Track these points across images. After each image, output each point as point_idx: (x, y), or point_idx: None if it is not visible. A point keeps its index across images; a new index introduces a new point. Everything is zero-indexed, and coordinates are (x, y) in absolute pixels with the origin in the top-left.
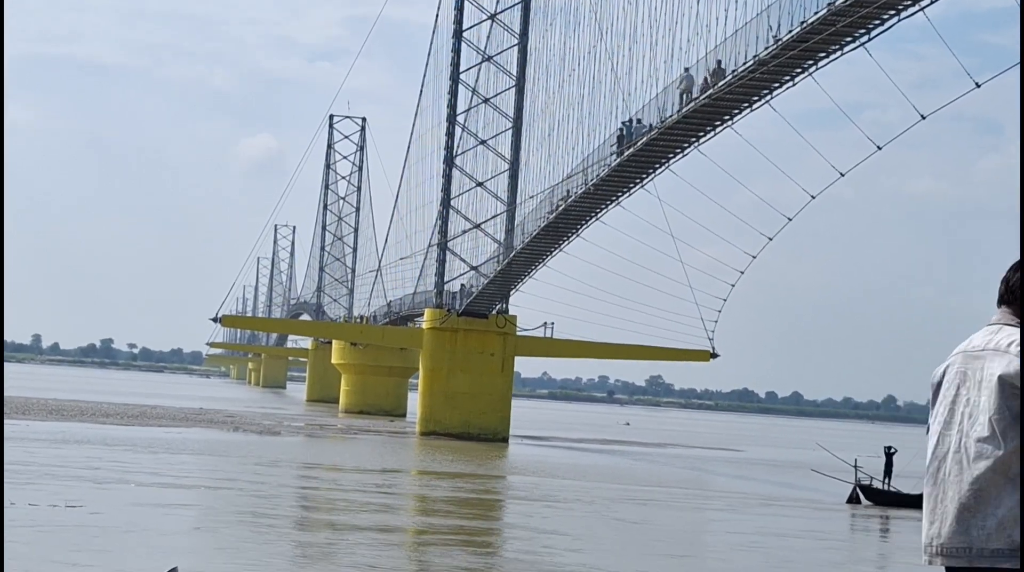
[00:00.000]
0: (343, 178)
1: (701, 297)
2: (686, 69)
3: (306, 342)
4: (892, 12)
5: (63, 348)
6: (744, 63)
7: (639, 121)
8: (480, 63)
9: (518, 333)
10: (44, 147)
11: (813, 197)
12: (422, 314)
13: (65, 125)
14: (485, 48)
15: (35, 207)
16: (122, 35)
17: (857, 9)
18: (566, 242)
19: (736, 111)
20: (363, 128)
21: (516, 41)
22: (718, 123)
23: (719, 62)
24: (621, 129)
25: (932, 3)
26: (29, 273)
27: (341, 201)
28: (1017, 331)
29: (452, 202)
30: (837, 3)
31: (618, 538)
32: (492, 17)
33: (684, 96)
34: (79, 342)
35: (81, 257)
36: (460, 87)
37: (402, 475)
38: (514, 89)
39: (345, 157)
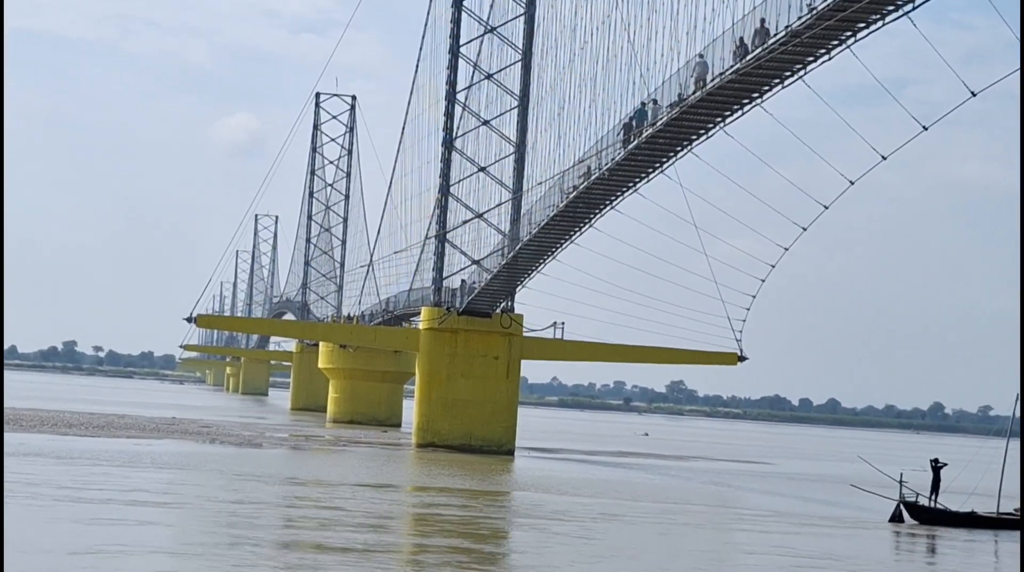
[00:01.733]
0: (331, 163)
1: (727, 294)
2: (700, 55)
3: (290, 344)
4: None
5: (21, 351)
6: (775, 34)
7: (655, 102)
8: (482, 35)
9: (525, 334)
10: None
11: (852, 183)
12: (419, 313)
13: (22, 104)
14: (488, 18)
15: None
16: (86, 5)
17: None
18: (578, 233)
19: (766, 88)
20: (353, 107)
21: (522, 10)
22: (746, 101)
23: (763, 20)
24: (631, 117)
25: None
26: None
27: (329, 188)
28: None
29: (452, 189)
30: None
31: (575, 559)
32: None
33: (698, 84)
34: (39, 345)
35: (40, 250)
36: (460, 62)
37: (396, 491)
38: (520, 64)
39: (333, 139)
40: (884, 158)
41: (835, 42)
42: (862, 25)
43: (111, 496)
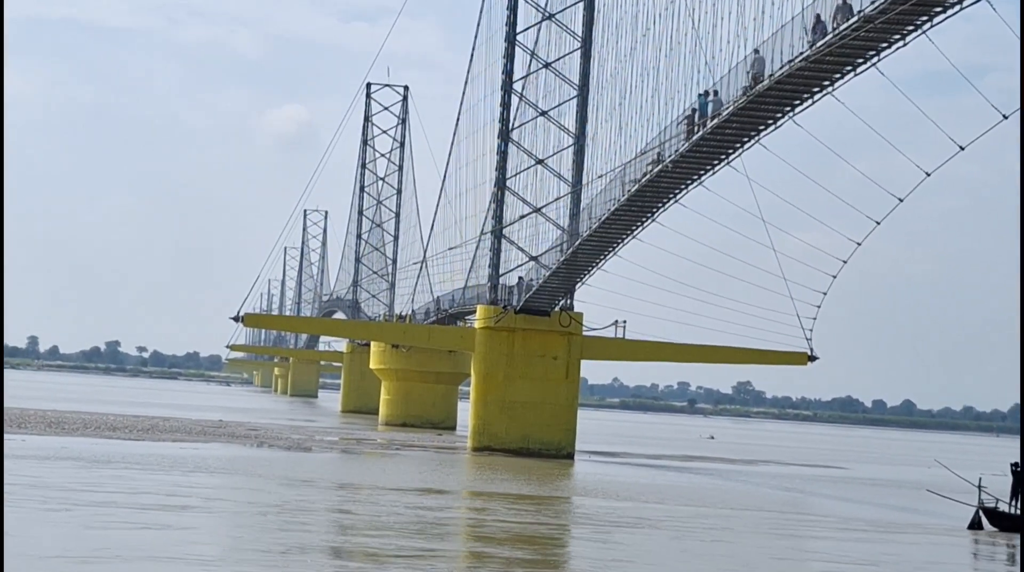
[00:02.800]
0: (382, 155)
1: (797, 291)
2: (756, 50)
3: (341, 344)
4: None
5: (63, 352)
6: (847, 20)
7: (716, 93)
8: (540, 22)
9: (585, 333)
10: (41, 121)
11: (928, 174)
12: (474, 312)
13: (65, 96)
14: (546, 5)
15: (30, 189)
16: None
17: None
18: (640, 228)
19: (837, 75)
20: (405, 98)
21: None
22: (816, 89)
23: None
24: (693, 109)
25: None
26: (24, 266)
27: (380, 182)
28: None
29: (508, 183)
30: None
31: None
32: None
33: (755, 80)
34: (81, 345)
35: (83, 247)
36: (517, 50)
37: (451, 497)
38: (579, 52)
39: (385, 131)
40: (962, 148)
41: (910, 27)
42: (939, 9)
43: (155, 501)
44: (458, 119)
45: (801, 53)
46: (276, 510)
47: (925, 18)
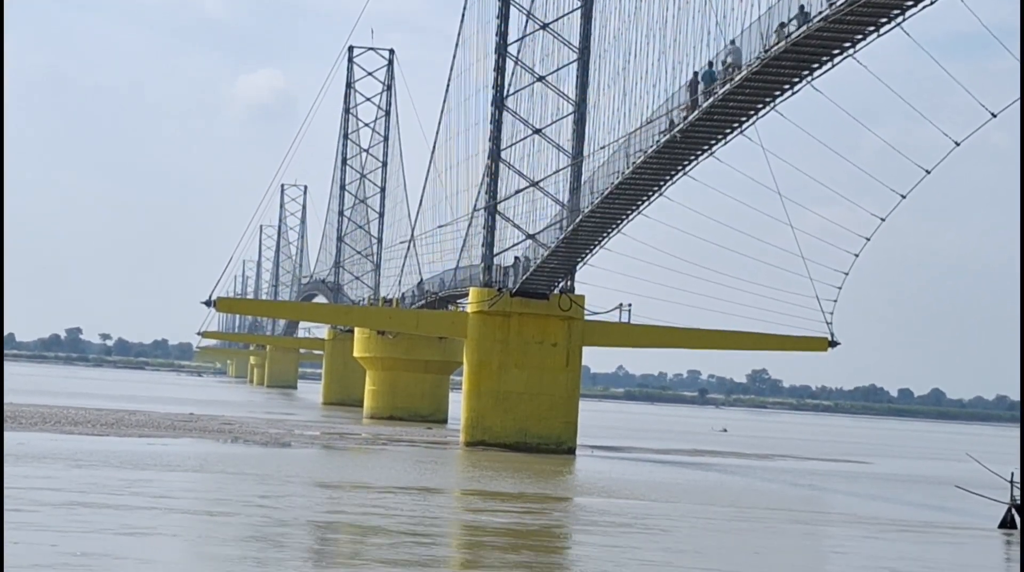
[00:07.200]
0: (366, 125)
1: (816, 271)
2: (732, 41)
3: (322, 331)
4: None
5: (20, 340)
6: None
7: (723, 61)
8: None
9: (586, 317)
10: None
11: (957, 144)
12: (466, 295)
13: (18, 63)
14: None
15: None
16: None
17: None
18: (646, 203)
19: (859, 36)
20: (391, 62)
21: None
22: (836, 51)
23: None
24: (695, 74)
25: None
26: None
27: (364, 154)
28: None
29: (503, 154)
30: None
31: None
32: None
33: (731, 70)
34: (39, 332)
35: (41, 227)
36: (512, 10)
37: (442, 496)
38: (579, 12)
39: (369, 99)
40: (994, 115)
41: None
42: None
43: (119, 502)
44: (448, 85)
45: (820, 12)
46: (251, 511)
47: None
